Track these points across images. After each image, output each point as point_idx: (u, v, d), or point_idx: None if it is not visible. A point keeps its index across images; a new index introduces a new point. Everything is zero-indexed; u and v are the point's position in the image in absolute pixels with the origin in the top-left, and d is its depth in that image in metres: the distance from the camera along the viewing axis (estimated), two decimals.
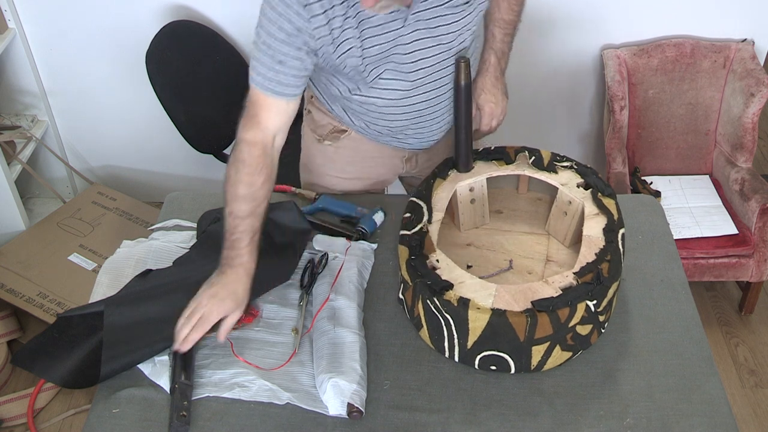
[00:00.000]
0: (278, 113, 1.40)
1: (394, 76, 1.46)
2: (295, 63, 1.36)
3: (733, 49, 2.48)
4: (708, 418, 1.25)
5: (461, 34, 1.46)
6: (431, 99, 1.53)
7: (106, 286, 1.50)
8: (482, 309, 1.24)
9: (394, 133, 1.62)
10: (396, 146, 1.68)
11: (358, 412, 1.24)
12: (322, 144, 1.71)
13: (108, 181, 2.94)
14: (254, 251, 1.37)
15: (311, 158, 1.77)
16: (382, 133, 1.63)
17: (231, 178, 1.38)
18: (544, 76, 2.69)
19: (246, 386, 1.30)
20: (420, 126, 1.59)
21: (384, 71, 1.45)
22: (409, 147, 1.68)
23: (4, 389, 2.31)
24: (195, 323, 1.31)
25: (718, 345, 2.44)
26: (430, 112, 1.56)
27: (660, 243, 1.57)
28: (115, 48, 2.60)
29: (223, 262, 1.36)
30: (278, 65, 1.36)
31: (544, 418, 1.25)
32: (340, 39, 1.37)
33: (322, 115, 1.69)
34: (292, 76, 1.37)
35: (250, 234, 1.36)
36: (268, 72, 1.36)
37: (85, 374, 1.33)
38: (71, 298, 2.32)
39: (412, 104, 1.52)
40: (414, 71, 1.46)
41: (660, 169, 2.64)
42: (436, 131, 1.63)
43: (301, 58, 1.37)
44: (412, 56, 1.44)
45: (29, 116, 2.75)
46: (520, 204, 1.61)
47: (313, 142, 1.74)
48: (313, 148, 1.75)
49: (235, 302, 1.34)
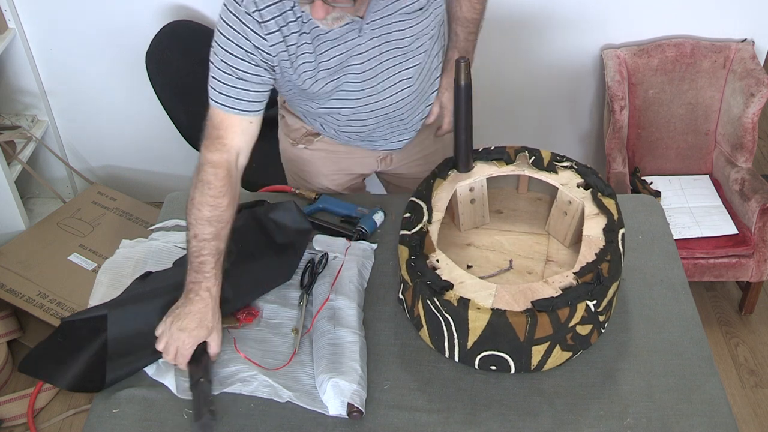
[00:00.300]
0: (242, 132, 1.40)
1: (354, 87, 1.47)
2: (255, 78, 1.37)
3: (733, 49, 2.48)
4: (708, 418, 1.25)
5: (418, 38, 1.47)
6: (396, 102, 1.54)
7: (106, 286, 1.50)
8: (482, 309, 1.24)
9: (363, 137, 1.63)
10: (369, 148, 1.69)
11: (358, 412, 1.24)
12: (296, 147, 1.73)
13: (108, 181, 2.94)
14: (219, 274, 1.35)
15: (288, 162, 1.80)
16: (352, 138, 1.65)
17: (195, 200, 1.36)
18: (544, 76, 2.69)
19: (247, 381, 1.30)
20: (388, 129, 1.61)
21: (344, 83, 1.46)
22: (382, 148, 1.69)
23: (4, 389, 2.31)
24: (174, 356, 1.31)
25: (718, 345, 2.44)
26: (396, 115, 1.57)
27: (660, 243, 1.57)
28: (115, 48, 2.60)
29: (188, 288, 1.33)
30: (239, 81, 1.36)
31: (544, 418, 1.25)
32: (297, 54, 1.38)
33: (294, 120, 1.71)
34: (254, 92, 1.38)
35: (216, 256, 1.34)
36: (229, 90, 1.36)
37: (90, 377, 1.33)
38: (71, 298, 2.32)
39: (376, 110, 1.53)
40: (373, 77, 1.47)
41: (660, 169, 2.64)
42: (405, 131, 1.65)
43: (261, 74, 1.38)
44: (370, 64, 1.45)
45: (29, 116, 2.75)
46: (520, 204, 1.61)
47: (288, 146, 1.76)
48: (289, 152, 1.78)
49: (207, 329, 1.32)
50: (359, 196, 1.76)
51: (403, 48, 1.46)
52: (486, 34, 2.65)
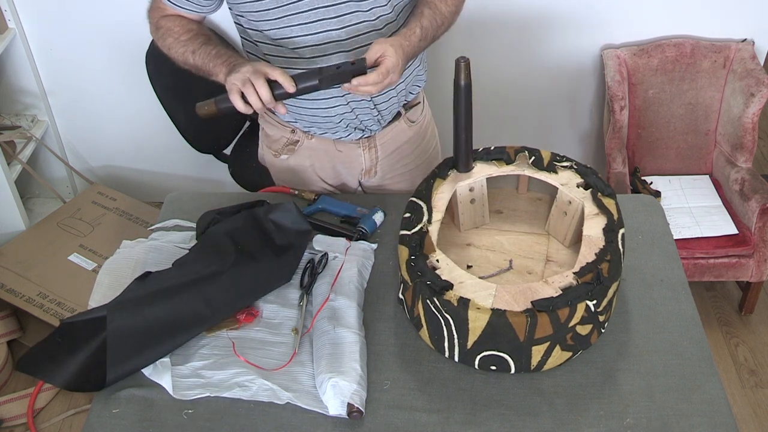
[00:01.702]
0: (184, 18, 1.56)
1: (301, 8, 1.45)
2: None
3: (733, 49, 2.49)
4: (708, 418, 1.25)
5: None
6: (351, 36, 1.49)
7: (106, 286, 1.50)
8: (482, 309, 1.24)
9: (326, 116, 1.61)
10: (345, 138, 1.68)
11: (358, 412, 1.24)
12: (279, 158, 1.74)
13: (108, 181, 2.94)
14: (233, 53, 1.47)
15: (276, 174, 1.81)
16: (320, 123, 1.64)
17: (169, 46, 1.52)
18: (544, 76, 2.69)
19: (246, 386, 1.30)
20: (354, 110, 1.60)
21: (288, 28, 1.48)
22: (359, 132, 1.67)
23: (4, 389, 2.31)
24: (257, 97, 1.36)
25: (718, 345, 2.44)
26: (348, 45, 1.52)
27: (660, 243, 1.57)
28: (115, 48, 2.61)
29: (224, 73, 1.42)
30: None
31: (544, 418, 1.25)
32: None
33: (274, 129, 1.72)
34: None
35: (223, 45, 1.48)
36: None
37: (89, 377, 1.33)
38: (71, 298, 2.32)
39: (329, 39, 1.50)
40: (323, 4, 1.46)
41: (660, 169, 2.64)
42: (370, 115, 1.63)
43: None
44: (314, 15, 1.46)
45: (29, 116, 2.75)
46: (520, 204, 1.61)
47: (272, 159, 1.77)
48: (274, 165, 1.79)
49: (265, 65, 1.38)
50: (359, 196, 1.76)
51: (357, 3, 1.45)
52: (486, 34, 2.66)
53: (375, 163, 1.74)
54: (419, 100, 1.76)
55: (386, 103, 1.63)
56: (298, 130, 1.69)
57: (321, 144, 1.70)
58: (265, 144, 1.77)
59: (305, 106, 1.60)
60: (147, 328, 1.34)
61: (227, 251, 1.43)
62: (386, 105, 1.63)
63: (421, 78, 1.71)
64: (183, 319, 1.36)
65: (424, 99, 1.80)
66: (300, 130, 1.69)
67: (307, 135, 1.69)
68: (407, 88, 1.66)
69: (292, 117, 1.66)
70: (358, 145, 1.70)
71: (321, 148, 1.71)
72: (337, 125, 1.64)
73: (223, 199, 1.69)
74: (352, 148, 1.70)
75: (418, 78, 1.70)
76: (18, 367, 1.40)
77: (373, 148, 1.72)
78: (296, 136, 1.70)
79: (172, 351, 1.35)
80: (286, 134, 1.70)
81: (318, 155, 1.72)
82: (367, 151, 1.72)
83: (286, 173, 1.77)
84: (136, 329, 1.34)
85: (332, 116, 1.61)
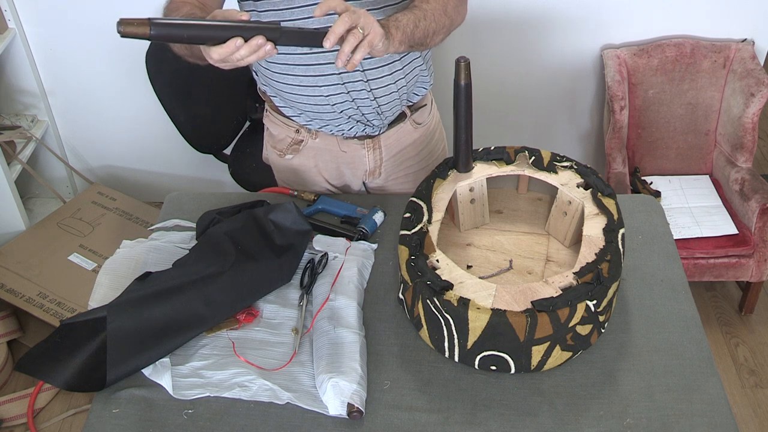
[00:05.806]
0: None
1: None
2: None
3: (733, 49, 2.49)
4: (708, 418, 1.25)
5: None
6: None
7: (106, 286, 1.50)
8: (482, 309, 1.24)
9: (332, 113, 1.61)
10: (348, 132, 1.67)
11: (358, 412, 1.24)
12: (284, 158, 1.74)
13: (108, 181, 2.95)
14: None
15: (279, 174, 1.81)
16: (322, 114, 1.62)
17: (177, 7, 1.46)
18: (544, 76, 2.69)
19: (246, 386, 1.30)
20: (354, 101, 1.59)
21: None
22: (362, 126, 1.67)
23: (4, 389, 2.31)
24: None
25: (718, 345, 2.44)
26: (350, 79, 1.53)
27: (660, 243, 1.57)
28: (115, 48, 2.61)
29: None
30: None
31: (544, 418, 1.25)
32: None
33: (278, 129, 1.72)
34: None
35: None
36: None
37: (89, 377, 1.33)
38: (71, 298, 2.32)
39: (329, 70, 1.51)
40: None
41: (660, 169, 2.65)
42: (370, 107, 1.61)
43: None
44: None
45: (29, 116, 2.75)
46: (520, 204, 1.61)
47: (276, 159, 1.77)
48: (278, 165, 1.79)
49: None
50: (359, 196, 1.76)
51: None
52: (486, 34, 2.66)
53: (379, 164, 1.74)
54: (426, 103, 1.76)
55: (386, 97, 1.62)
56: (303, 130, 1.69)
57: (325, 144, 1.70)
58: (270, 144, 1.77)
59: (305, 93, 1.59)
60: (147, 328, 1.34)
61: (227, 251, 1.43)
62: (386, 99, 1.62)
63: (425, 80, 1.71)
64: (183, 320, 1.36)
65: (432, 102, 1.80)
66: (304, 130, 1.69)
67: (311, 134, 1.69)
68: (408, 86, 1.66)
69: (295, 111, 1.66)
70: (362, 145, 1.70)
71: (325, 148, 1.71)
72: (338, 117, 1.63)
73: (223, 199, 1.69)
74: (357, 148, 1.70)
75: (421, 79, 1.70)
76: (18, 367, 1.40)
77: (378, 149, 1.72)
78: (301, 135, 1.70)
79: (172, 351, 1.35)
80: (290, 134, 1.70)
81: (322, 155, 1.72)
82: (371, 152, 1.72)
83: (290, 173, 1.77)
84: (136, 329, 1.34)
85: (332, 105, 1.60)
